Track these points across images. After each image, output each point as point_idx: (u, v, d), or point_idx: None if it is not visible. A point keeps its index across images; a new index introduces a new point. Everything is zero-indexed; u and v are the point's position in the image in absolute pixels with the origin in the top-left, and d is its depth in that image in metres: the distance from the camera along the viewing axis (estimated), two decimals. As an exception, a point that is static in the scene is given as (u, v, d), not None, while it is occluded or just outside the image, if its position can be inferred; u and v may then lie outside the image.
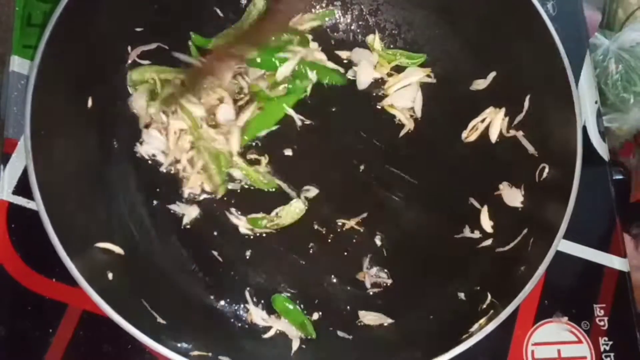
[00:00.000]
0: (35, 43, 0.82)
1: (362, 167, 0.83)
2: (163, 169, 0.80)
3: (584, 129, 0.85)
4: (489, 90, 0.83)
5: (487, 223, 0.79)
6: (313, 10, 0.88)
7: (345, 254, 0.79)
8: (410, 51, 0.87)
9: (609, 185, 0.85)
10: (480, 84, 0.84)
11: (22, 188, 0.77)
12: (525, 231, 0.74)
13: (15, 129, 0.80)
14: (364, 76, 0.86)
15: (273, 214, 0.79)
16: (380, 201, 0.82)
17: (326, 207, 0.81)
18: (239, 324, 0.76)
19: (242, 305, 0.76)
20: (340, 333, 0.75)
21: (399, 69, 0.87)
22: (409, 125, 0.84)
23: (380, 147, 0.84)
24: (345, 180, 0.82)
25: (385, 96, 0.86)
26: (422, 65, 0.87)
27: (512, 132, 0.81)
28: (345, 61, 0.87)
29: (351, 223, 0.80)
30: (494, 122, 0.82)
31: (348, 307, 0.77)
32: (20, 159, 0.78)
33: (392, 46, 0.88)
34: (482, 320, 0.67)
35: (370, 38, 0.87)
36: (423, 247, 0.80)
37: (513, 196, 0.78)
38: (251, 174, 0.80)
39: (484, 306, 0.70)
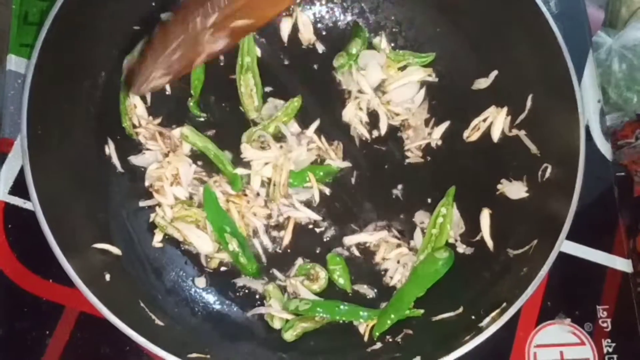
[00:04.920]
0: (32, 41, 0.81)
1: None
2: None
3: (587, 128, 0.85)
4: (491, 89, 0.83)
5: (486, 229, 0.78)
6: (312, 7, 0.87)
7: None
8: (410, 50, 0.86)
9: (612, 185, 0.85)
10: (482, 83, 0.83)
11: (19, 188, 0.77)
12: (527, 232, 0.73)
13: (11, 129, 0.80)
14: (373, 78, 0.84)
15: None
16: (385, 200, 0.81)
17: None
18: (239, 324, 0.75)
19: (234, 304, 0.76)
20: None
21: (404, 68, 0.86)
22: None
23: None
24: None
25: (384, 93, 0.85)
26: (423, 64, 0.86)
27: (515, 132, 0.80)
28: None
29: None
30: (496, 121, 0.81)
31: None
32: (17, 158, 0.78)
33: (392, 44, 0.87)
34: (484, 322, 0.67)
35: (377, 40, 0.86)
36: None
37: (516, 189, 0.78)
38: None
39: (487, 308, 0.69)
